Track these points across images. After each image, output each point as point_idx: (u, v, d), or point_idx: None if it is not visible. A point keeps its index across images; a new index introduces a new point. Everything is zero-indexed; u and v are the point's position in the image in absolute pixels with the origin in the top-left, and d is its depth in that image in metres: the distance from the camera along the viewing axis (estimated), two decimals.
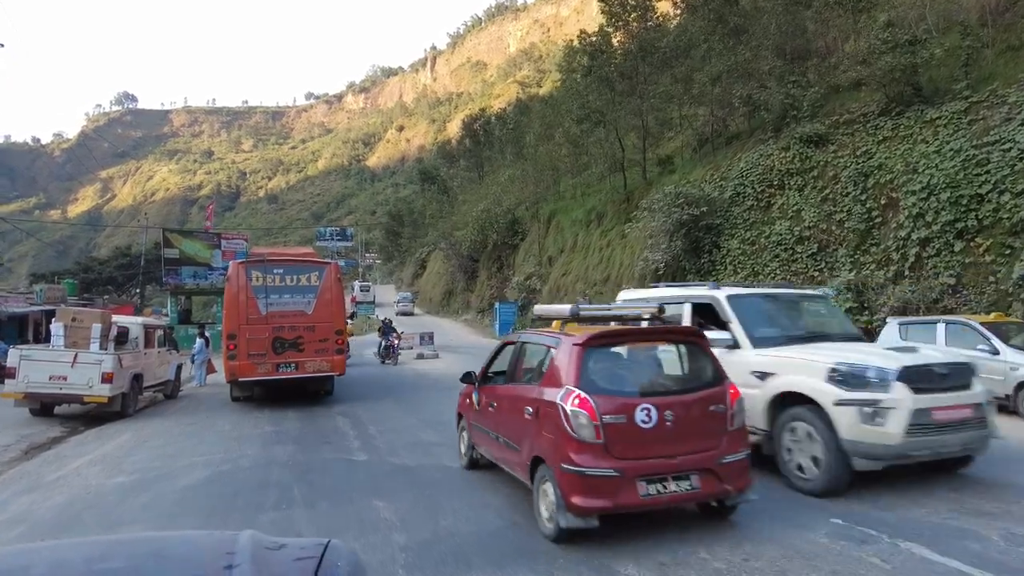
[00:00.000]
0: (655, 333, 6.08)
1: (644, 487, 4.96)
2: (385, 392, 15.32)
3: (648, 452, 5.05)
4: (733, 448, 5.31)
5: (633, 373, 5.72)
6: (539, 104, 56.94)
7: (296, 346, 12.84)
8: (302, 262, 13.62)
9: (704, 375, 5.67)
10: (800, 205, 21.69)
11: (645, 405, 5.06)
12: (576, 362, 5.29)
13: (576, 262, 35.08)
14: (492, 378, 7.46)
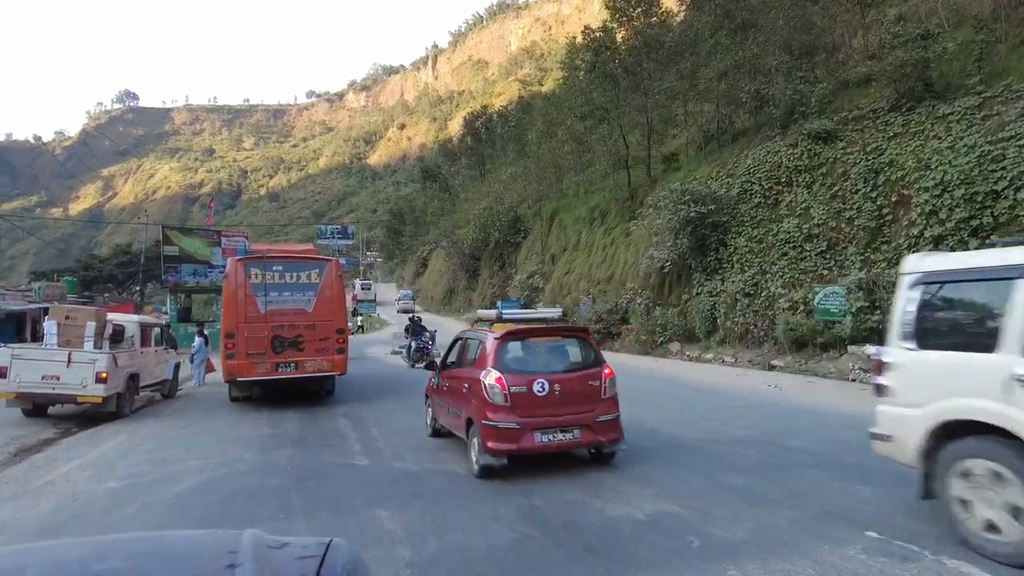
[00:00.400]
0: (551, 330, 8.39)
1: (539, 436, 7.11)
2: (387, 392, 14.99)
3: (542, 412, 7.17)
4: (606, 411, 7.50)
5: (534, 358, 7.81)
6: (541, 102, 56.58)
7: (296, 345, 12.50)
8: (302, 259, 13.27)
9: (587, 360, 7.95)
10: (809, 202, 21.33)
11: (540, 380, 7.25)
12: (495, 351, 7.47)
13: (579, 260, 34.73)
14: (449, 366, 9.08)
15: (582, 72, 41.43)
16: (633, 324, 26.20)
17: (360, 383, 17.43)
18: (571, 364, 7.92)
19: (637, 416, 10.37)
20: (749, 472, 6.82)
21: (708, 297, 23.25)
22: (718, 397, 12.77)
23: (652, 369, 19.47)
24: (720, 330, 22.59)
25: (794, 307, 19.99)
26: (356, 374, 19.12)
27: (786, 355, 19.69)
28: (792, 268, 20.76)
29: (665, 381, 15.82)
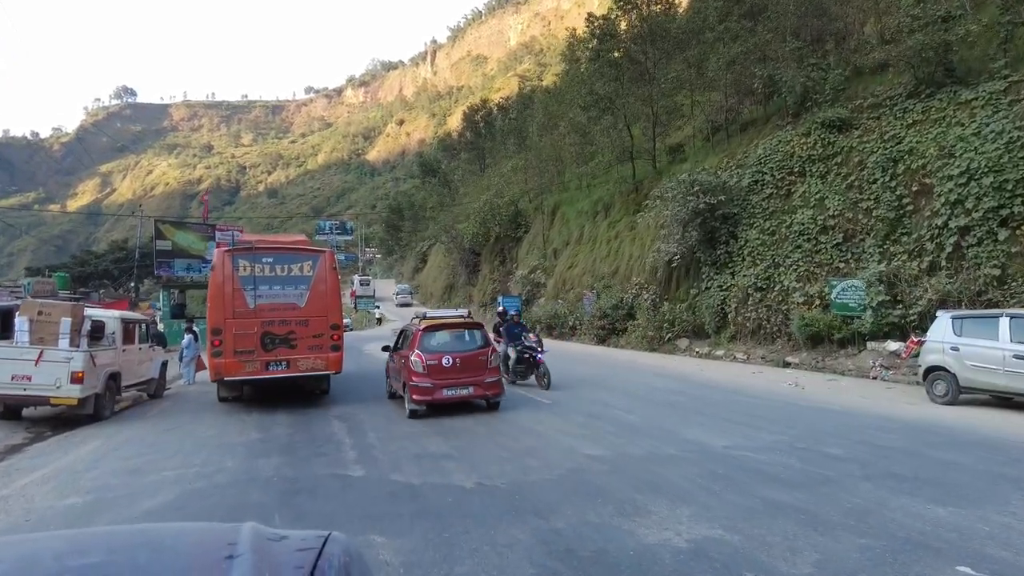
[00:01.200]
0: (457, 324, 12.34)
1: (445, 392, 10.82)
2: (385, 392, 14.17)
3: (448, 376, 10.85)
4: (491, 375, 11.22)
5: (445, 342, 11.54)
6: (542, 95, 55.71)
7: (288, 342, 11.67)
8: (294, 250, 12.42)
9: (481, 343, 11.74)
10: (823, 193, 20.55)
11: (447, 356, 11.05)
12: (418, 338, 11.32)
13: (582, 255, 33.91)
14: (397, 348, 12.85)
15: (584, 63, 40.51)
16: (639, 320, 25.40)
17: (357, 382, 16.64)
18: (469, 346, 11.66)
19: (655, 419, 9.58)
20: (795, 486, 6.02)
21: (718, 292, 22.45)
22: (738, 397, 11.97)
23: (662, 366, 18.67)
24: (731, 326, 21.81)
25: (809, 301, 19.20)
26: (353, 372, 18.32)
27: (801, 351, 18.90)
28: (807, 261, 19.98)
29: (678, 379, 15.02)
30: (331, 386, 13.84)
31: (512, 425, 9.51)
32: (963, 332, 11.11)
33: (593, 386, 13.84)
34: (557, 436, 8.52)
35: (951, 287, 15.44)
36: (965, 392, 10.96)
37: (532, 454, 7.52)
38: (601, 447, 7.79)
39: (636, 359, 21.09)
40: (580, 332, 30.03)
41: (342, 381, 15.25)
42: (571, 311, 31.54)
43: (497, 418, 10.17)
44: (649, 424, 9.16)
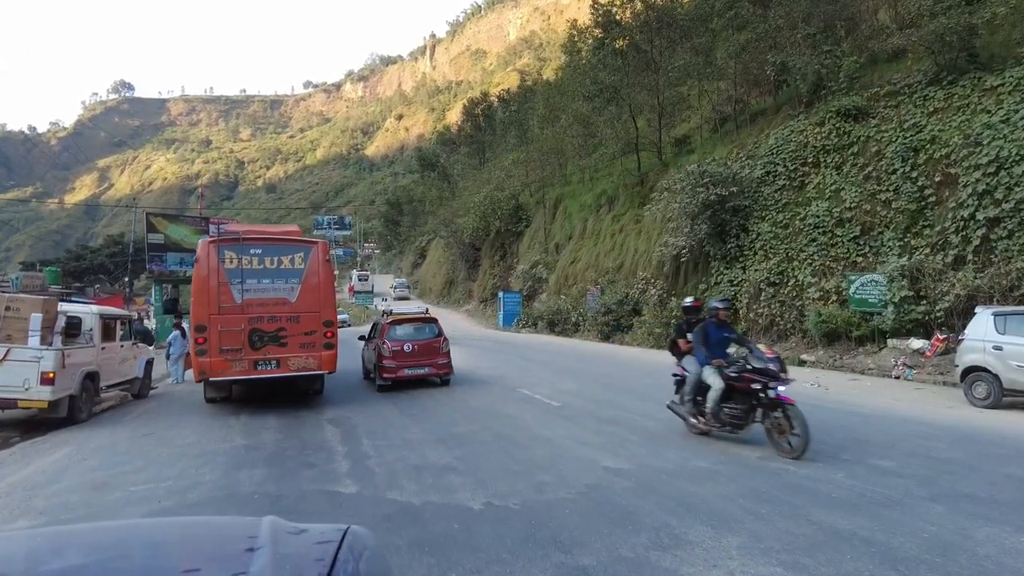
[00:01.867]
0: (416, 319, 15.02)
1: (407, 371, 13.64)
2: (384, 393, 13.36)
3: (409, 359, 13.67)
4: (444, 359, 14.17)
5: (407, 332, 14.31)
6: (543, 87, 54.83)
7: (277, 340, 10.85)
8: (284, 241, 11.58)
9: (436, 333, 14.66)
10: (839, 184, 19.76)
11: (408, 344, 13.88)
12: (386, 329, 14.13)
13: (586, 249, 33.08)
14: (370, 339, 15.85)
15: (586, 53, 39.64)
16: (646, 316, 24.59)
17: (354, 379, 15.85)
18: (426, 336, 14.55)
19: (679, 425, 8.74)
20: (851, 508, 5.21)
21: (728, 287, 21.65)
22: None
23: (669, 365, 17.82)
24: (742, 322, 20.99)
25: (825, 297, 18.43)
26: (349, 369, 17.53)
27: (817, 349, 18.12)
28: (822, 255, 19.20)
29: None
30: (326, 385, 13.06)
31: (520, 431, 8.68)
32: (1007, 330, 10.29)
33: (604, 386, 13.04)
34: (571, 445, 7.70)
35: (980, 282, 14.64)
36: (1009, 395, 10.16)
37: (545, 467, 6.70)
38: (622, 458, 6.97)
39: (643, 357, 20.28)
40: (583, 329, 29.22)
41: (338, 379, 14.45)
42: (574, 307, 30.74)
43: (503, 423, 9.34)
44: (672, 432, 8.33)
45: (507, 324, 36.63)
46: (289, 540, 1.17)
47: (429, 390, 13.46)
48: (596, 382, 13.68)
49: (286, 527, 1.24)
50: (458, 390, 13.09)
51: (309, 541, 1.19)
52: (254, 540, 1.13)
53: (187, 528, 1.42)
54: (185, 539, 1.30)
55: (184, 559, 1.17)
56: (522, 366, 17.66)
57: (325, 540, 1.16)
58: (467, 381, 14.55)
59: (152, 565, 1.14)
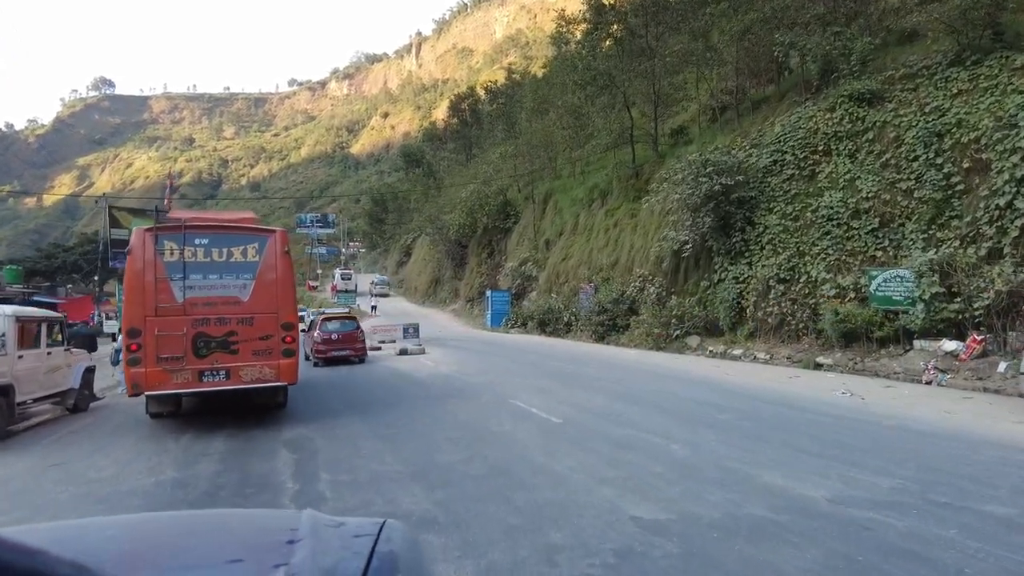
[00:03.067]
0: (341, 317, 22.83)
1: (334, 352, 20.20)
2: (354, 404, 11.66)
3: (335, 344, 20.24)
4: (360, 344, 20.79)
5: (336, 326, 20.88)
6: (531, 81, 53.23)
7: (227, 346, 9.15)
8: (235, 229, 9.84)
9: (355, 326, 21.47)
10: (854, 173, 18.36)
11: (335, 333, 20.53)
12: (320, 323, 21.43)
13: (578, 245, 31.52)
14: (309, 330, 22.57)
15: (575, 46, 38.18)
16: (644, 315, 23.05)
17: (325, 388, 14.15)
18: (347, 328, 20.33)
19: (710, 450, 7.17)
20: None
21: (733, 284, 20.17)
22: (791, 412, 9.61)
23: (674, 368, 16.30)
24: (749, 322, 19.54)
25: (842, 294, 16.96)
26: (319, 377, 15.93)
27: (834, 351, 16.62)
28: (837, 249, 17.75)
29: (705, 386, 12.65)
30: (294, 394, 11.38)
31: (518, 460, 7.01)
32: None
33: (608, 395, 11.45)
34: (584, 482, 6.02)
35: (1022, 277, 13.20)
36: None
37: (555, 518, 5.03)
38: (653, 502, 5.34)
39: (644, 359, 18.72)
40: (576, 329, 27.65)
41: (308, 388, 12.80)
42: (566, 306, 29.16)
43: (497, 448, 7.68)
44: (704, 459, 6.75)
45: (495, 324, 35.02)
46: (328, 533, 1.18)
47: (411, 400, 11.78)
48: (598, 391, 12.09)
49: (325, 520, 1.26)
50: (443, 401, 11.42)
51: (347, 534, 1.19)
52: (295, 532, 1.16)
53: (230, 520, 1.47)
54: (228, 530, 1.33)
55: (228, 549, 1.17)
56: (513, 370, 16.04)
57: (362, 533, 1.18)
58: (453, 389, 12.91)
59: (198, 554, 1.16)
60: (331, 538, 1.18)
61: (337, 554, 1.11)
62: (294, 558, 1.06)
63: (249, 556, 1.15)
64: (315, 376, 16.69)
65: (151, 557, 1.16)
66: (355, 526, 1.25)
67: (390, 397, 12.06)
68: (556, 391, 12.07)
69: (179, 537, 1.28)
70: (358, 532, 1.20)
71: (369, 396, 12.33)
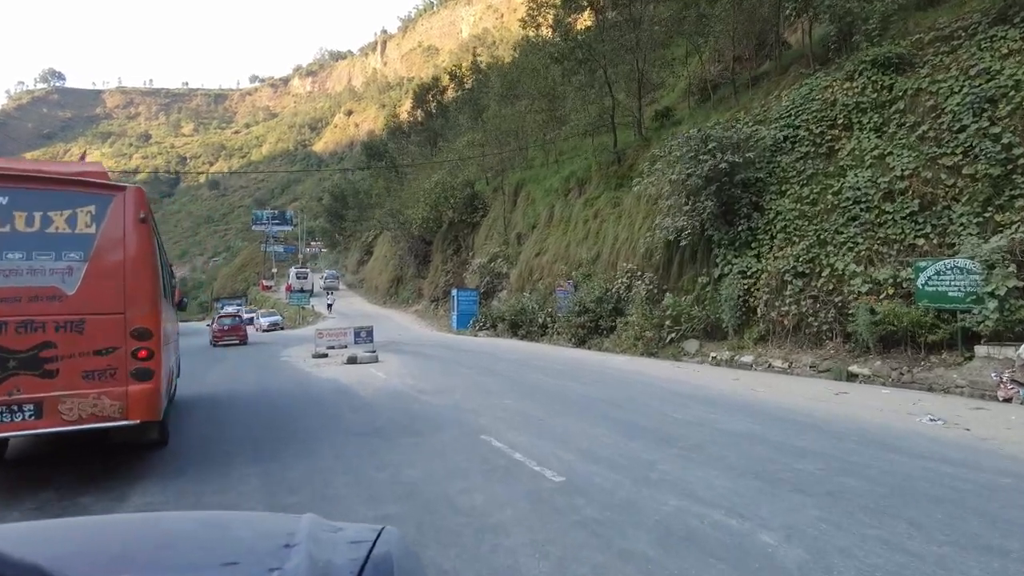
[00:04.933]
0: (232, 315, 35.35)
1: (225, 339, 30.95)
2: (260, 444, 8.24)
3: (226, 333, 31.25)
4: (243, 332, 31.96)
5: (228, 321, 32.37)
6: (499, 67, 50.02)
7: (36, 366, 5.83)
8: (55, 182, 6.36)
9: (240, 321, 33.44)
10: (884, 148, 15.62)
11: (227, 326, 31.68)
12: (216, 320, 33.30)
13: (553, 239, 28.45)
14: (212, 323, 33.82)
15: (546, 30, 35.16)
16: (632, 316, 20.02)
17: (236, 410, 10.81)
18: (235, 323, 32.10)
19: (823, 543, 4.08)
20: None
21: (739, 279, 17.27)
22: (894, 456, 6.58)
23: (682, 382, 13.27)
24: (760, 323, 16.65)
25: (877, 290, 14.12)
26: (241, 392, 12.61)
27: (871, 358, 13.76)
28: (868, 237, 14.95)
29: (735, 408, 9.63)
30: (188, 419, 8.05)
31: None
32: None
33: (616, 426, 8.33)
34: None
35: None
36: None
37: None
38: None
39: (640, 369, 15.67)
40: (553, 332, 24.56)
41: (215, 408, 9.47)
42: (541, 306, 26.04)
43: (464, 553, 4.49)
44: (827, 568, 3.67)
45: (462, 326, 31.76)
46: (326, 538, 1.18)
47: (342, 437, 8.39)
48: (600, 418, 8.96)
49: (323, 525, 1.25)
50: (387, 439, 8.08)
51: (344, 540, 1.19)
52: (292, 537, 1.15)
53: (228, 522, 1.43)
54: (226, 533, 1.31)
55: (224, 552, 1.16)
56: (484, 386, 12.83)
57: (359, 540, 1.17)
58: (404, 416, 9.60)
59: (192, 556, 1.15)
60: (328, 544, 1.15)
61: (331, 560, 1.09)
62: (289, 563, 1.05)
63: (245, 559, 1.11)
64: (233, 392, 13.31)
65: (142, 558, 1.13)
66: (353, 532, 1.23)
67: (315, 430, 8.75)
68: (543, 419, 8.91)
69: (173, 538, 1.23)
70: (355, 538, 1.18)
71: (287, 428, 9.00)
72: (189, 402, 11.96)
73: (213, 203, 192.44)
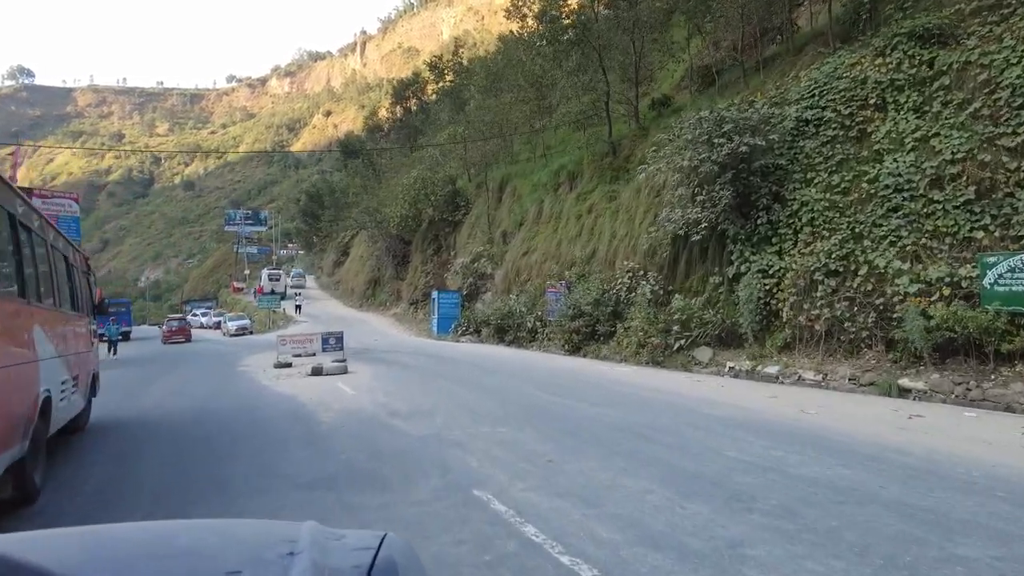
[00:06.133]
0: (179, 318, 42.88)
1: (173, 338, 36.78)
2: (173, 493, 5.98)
3: (175, 334, 37.27)
4: (188, 333, 38.81)
5: (175, 323, 39.09)
6: (482, 59, 47.86)
7: None
8: None
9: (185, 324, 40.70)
10: (927, 129, 13.65)
11: (175, 326, 38.13)
12: (166, 322, 41.68)
13: (543, 237, 26.28)
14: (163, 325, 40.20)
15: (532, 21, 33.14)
16: (635, 320, 17.85)
17: (164, 444, 8.49)
18: (181, 324, 38.61)
19: None
20: None
21: (759, 279, 15.19)
22: None
23: (709, 400, 11.12)
24: (785, 328, 14.56)
25: (928, 291, 12.09)
26: (179, 414, 10.32)
27: (926, 370, 11.69)
28: (914, 229, 12.95)
29: (782, 439, 7.53)
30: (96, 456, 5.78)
31: None
32: None
33: (657, 471, 6.14)
34: None
35: None
36: None
37: None
38: None
39: (653, 383, 13.50)
40: (544, 337, 22.34)
41: (148, 442, 7.23)
42: (530, 309, 23.82)
43: None
44: None
45: (443, 331, 29.45)
46: (329, 546, 1.17)
47: (274, 497, 6.12)
48: (632, 456, 6.77)
49: (326, 533, 1.23)
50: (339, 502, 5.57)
51: (347, 547, 1.18)
52: (294, 544, 1.14)
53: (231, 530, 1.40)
54: (227, 541, 1.27)
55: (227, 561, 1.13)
56: (471, 405, 10.58)
57: (363, 547, 1.17)
58: (369, 457, 7.17)
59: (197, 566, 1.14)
60: (331, 551, 1.13)
61: (335, 568, 1.07)
62: (292, 572, 1.03)
63: (247, 568, 1.08)
64: (168, 413, 10.95)
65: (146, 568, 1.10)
66: (355, 539, 1.20)
67: (245, 478, 6.39)
68: (555, 460, 6.69)
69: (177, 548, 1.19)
70: (358, 545, 1.17)
71: (210, 473, 6.68)
72: (109, 426, 9.67)
73: (188, 204, 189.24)
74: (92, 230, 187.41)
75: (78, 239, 20.80)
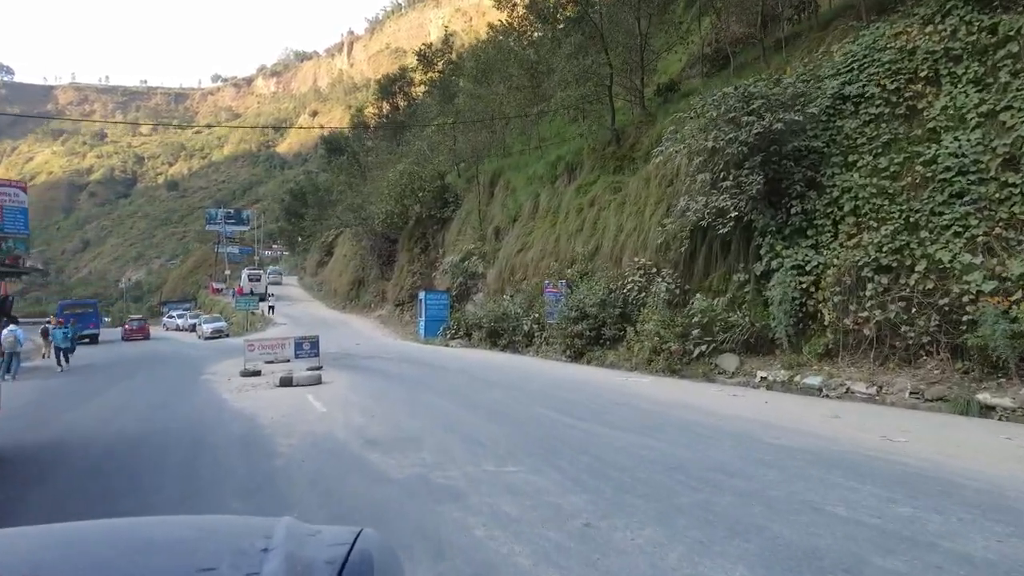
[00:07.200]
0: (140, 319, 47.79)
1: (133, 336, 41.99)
2: None
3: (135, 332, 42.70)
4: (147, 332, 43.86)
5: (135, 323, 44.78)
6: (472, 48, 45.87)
7: None
8: None
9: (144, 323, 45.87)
10: (995, 103, 11.76)
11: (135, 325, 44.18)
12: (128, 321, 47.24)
13: (540, 232, 24.27)
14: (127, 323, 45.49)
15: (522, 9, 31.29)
16: (647, 323, 15.86)
17: (59, 484, 6.42)
18: (140, 324, 43.68)
19: None
20: None
21: (794, 276, 13.21)
22: None
23: (759, 421, 9.12)
24: (826, 332, 12.61)
25: (1006, 290, 10.18)
26: (108, 437, 8.23)
27: (1012, 383, 9.77)
28: (985, 217, 11.03)
29: (897, 486, 5.63)
30: None
31: None
32: None
33: (760, 560, 4.14)
34: None
35: None
36: None
37: None
38: None
39: (683, 399, 11.50)
40: (541, 342, 20.32)
41: (47, 483, 5.29)
42: (527, 311, 21.78)
43: None
44: None
45: (430, 334, 27.36)
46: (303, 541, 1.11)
47: None
48: (700, 517, 4.78)
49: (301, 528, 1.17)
50: None
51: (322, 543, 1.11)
52: (269, 540, 1.10)
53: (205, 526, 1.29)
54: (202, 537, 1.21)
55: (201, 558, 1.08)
56: (467, 430, 8.52)
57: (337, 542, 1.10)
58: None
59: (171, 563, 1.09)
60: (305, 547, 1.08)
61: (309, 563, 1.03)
62: (266, 567, 1.00)
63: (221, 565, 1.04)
64: (96, 435, 8.86)
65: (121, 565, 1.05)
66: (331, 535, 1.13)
67: None
68: (592, 522, 4.67)
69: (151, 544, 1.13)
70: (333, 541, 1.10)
71: None
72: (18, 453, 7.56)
73: (172, 204, 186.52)
74: (73, 230, 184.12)
75: (26, 233, 18.81)
